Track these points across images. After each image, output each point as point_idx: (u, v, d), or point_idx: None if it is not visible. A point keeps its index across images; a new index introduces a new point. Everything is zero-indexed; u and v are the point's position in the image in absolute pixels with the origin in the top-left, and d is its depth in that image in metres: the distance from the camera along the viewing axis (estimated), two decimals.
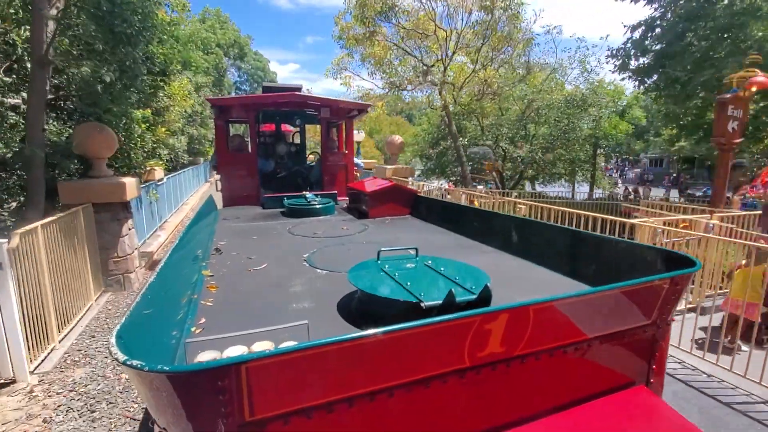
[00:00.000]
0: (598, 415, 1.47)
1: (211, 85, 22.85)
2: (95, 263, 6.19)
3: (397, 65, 13.14)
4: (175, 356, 1.40)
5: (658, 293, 1.53)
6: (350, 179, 6.17)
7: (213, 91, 22.54)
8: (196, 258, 2.65)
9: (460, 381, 1.26)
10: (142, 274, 7.23)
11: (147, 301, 1.42)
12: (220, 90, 25.80)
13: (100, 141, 6.23)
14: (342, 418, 1.12)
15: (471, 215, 3.53)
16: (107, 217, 6.40)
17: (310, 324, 1.41)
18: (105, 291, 6.50)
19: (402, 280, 1.75)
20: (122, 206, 6.53)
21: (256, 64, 68.01)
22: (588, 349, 1.49)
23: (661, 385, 1.71)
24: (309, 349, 0.99)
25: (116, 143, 6.52)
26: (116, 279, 6.59)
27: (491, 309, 1.21)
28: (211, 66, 24.91)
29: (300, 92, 5.76)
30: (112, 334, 1.07)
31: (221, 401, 0.95)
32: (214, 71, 25.01)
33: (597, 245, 2.27)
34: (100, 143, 6.24)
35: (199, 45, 23.82)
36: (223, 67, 27.95)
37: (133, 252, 6.86)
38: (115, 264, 6.54)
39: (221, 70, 26.55)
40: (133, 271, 6.76)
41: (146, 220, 9.30)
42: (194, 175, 20.42)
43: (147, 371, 0.91)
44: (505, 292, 1.88)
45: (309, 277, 2.33)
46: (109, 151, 6.45)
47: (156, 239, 9.60)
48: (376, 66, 12.47)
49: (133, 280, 6.75)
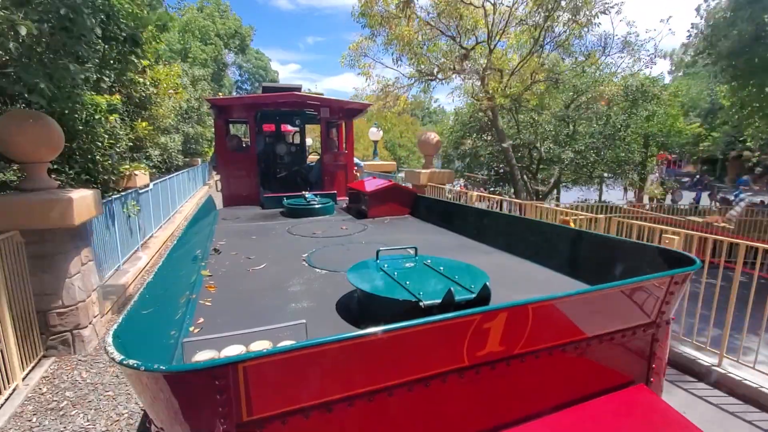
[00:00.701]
0: (598, 414, 1.46)
1: (209, 78, 20.76)
2: (26, 319, 4.14)
3: (429, 49, 11.05)
4: (173, 356, 1.39)
5: (658, 292, 1.52)
6: (350, 179, 6.07)
7: (212, 86, 20.36)
8: (195, 258, 2.60)
9: (459, 380, 1.25)
10: (104, 324, 5.16)
11: (145, 301, 1.41)
12: (219, 86, 23.58)
13: (35, 136, 4.16)
14: (340, 417, 1.10)
15: (470, 215, 3.52)
16: (47, 249, 4.34)
17: (309, 324, 1.43)
18: (45, 357, 4.44)
19: (401, 279, 1.73)
20: (70, 233, 4.46)
21: (257, 63, 67.11)
22: (587, 348, 1.48)
23: (661, 383, 1.69)
24: (307, 349, 0.98)
25: (62, 140, 4.45)
26: (61, 339, 4.52)
27: (490, 308, 1.20)
28: (210, 58, 22.74)
29: (300, 92, 5.71)
30: (108, 334, 1.05)
31: (218, 401, 0.95)
32: (213, 64, 22.79)
33: (597, 244, 2.26)
34: (35, 140, 4.17)
35: (196, 35, 21.65)
36: (222, 60, 25.63)
37: (89, 296, 4.79)
38: (59, 318, 4.47)
39: (220, 63, 24.10)
40: (87, 325, 4.68)
41: (121, 240, 7.24)
42: (190, 177, 18.26)
43: (143, 371, 0.90)
44: (504, 291, 1.89)
45: (308, 277, 2.30)
46: (50, 152, 4.38)
47: (134, 264, 7.53)
48: (403, 50, 10.36)
49: (88, 337, 4.67)
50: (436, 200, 4.47)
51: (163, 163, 15.64)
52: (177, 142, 15.65)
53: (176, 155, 15.57)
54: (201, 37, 22.80)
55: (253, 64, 65.02)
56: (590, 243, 2.29)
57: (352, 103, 6.14)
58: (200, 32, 22.63)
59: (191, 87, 17.73)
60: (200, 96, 17.56)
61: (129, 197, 7.86)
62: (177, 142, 15.65)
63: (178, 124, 16.57)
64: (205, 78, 18.96)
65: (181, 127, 16.80)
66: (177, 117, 16.68)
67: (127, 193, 7.78)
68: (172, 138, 15.12)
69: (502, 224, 3.04)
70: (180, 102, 16.07)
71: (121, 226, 7.34)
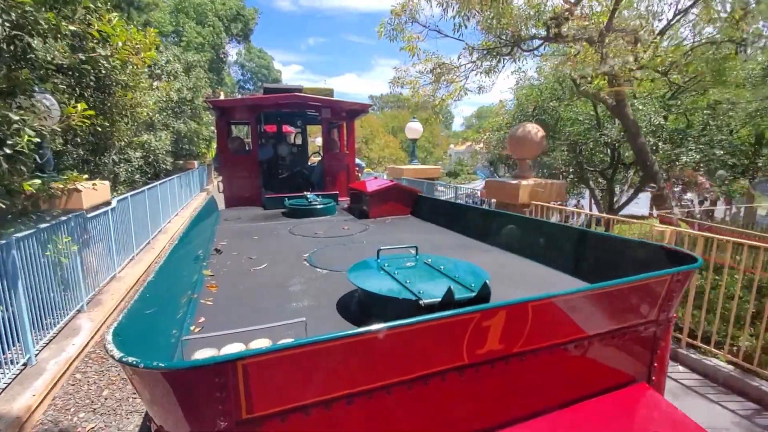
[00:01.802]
0: (599, 413, 1.45)
1: (207, 66, 17.45)
2: None
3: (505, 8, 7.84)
4: (173, 354, 1.37)
5: (660, 290, 1.51)
6: (351, 179, 6.03)
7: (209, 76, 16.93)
8: (197, 258, 2.58)
9: (459, 378, 1.24)
10: None
11: (146, 300, 1.39)
12: (219, 78, 19.97)
13: None
14: (340, 415, 1.10)
15: (471, 215, 3.49)
16: None
17: (310, 322, 1.44)
18: None
19: (401, 278, 1.73)
20: None
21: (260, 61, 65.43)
22: (588, 347, 1.46)
23: (663, 382, 1.69)
24: (306, 346, 0.98)
25: None
26: None
27: (489, 306, 1.19)
28: (207, 42, 19.30)
29: (301, 93, 5.66)
30: (108, 332, 1.04)
31: (218, 398, 0.94)
32: (212, 50, 19.25)
33: (598, 243, 2.24)
34: None
35: (191, 15, 18.34)
36: (222, 47, 21.80)
37: None
38: None
39: (220, 50, 20.28)
40: None
41: (45, 306, 4.10)
42: (183, 183, 14.76)
43: (143, 368, 0.90)
44: (505, 289, 1.90)
45: (309, 276, 2.30)
46: None
47: (59, 353, 4.36)
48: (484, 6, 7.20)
49: None
50: (437, 200, 4.48)
51: (150, 167, 12.48)
52: (165, 141, 12.48)
53: (164, 157, 12.40)
54: (197, 17, 19.26)
55: (255, 63, 63.11)
56: (591, 241, 2.28)
57: (353, 104, 6.07)
58: (195, 11, 19.04)
59: (184, 76, 14.57)
60: (195, 85, 14.41)
61: (62, 228, 4.73)
62: (165, 141, 12.48)
63: (167, 119, 13.39)
64: (202, 65, 15.70)
65: (171, 123, 13.63)
66: (166, 111, 13.44)
67: (56, 223, 4.64)
68: (157, 136, 11.98)
69: (503, 223, 2.99)
70: (168, 92, 12.90)
71: (41, 280, 4.20)
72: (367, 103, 6.22)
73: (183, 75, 14.08)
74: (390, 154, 42.35)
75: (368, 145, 41.21)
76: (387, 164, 40.04)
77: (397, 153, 43.34)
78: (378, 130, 45.26)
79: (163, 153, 12.33)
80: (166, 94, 12.43)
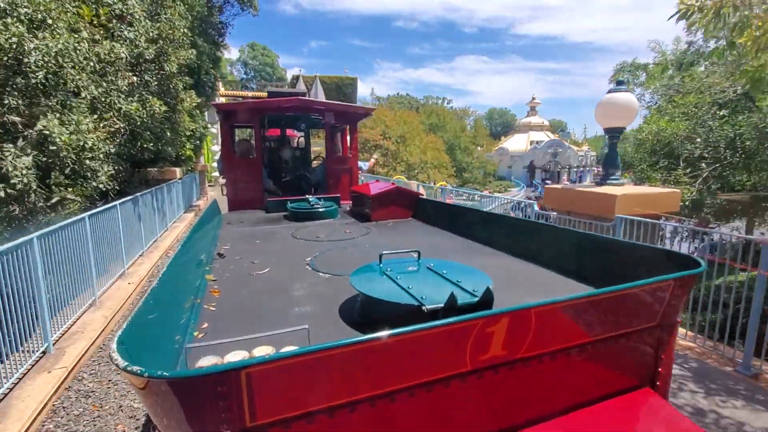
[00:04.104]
0: (603, 418, 1.44)
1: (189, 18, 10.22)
2: None
3: None
4: (177, 362, 1.38)
5: (664, 294, 1.50)
6: (354, 183, 6.08)
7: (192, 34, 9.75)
8: (200, 263, 2.57)
9: (462, 384, 1.23)
10: None
11: (149, 307, 1.39)
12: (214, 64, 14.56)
13: None
14: (343, 422, 1.10)
15: (473, 218, 3.48)
16: None
17: (312, 328, 1.44)
18: None
19: (404, 283, 1.72)
20: None
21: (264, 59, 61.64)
22: (592, 352, 1.45)
23: (667, 387, 1.67)
24: (309, 354, 0.98)
25: None
26: None
27: (492, 312, 1.19)
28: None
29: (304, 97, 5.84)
30: (113, 340, 1.04)
31: (221, 407, 0.94)
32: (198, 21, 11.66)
33: (602, 247, 2.23)
34: None
35: None
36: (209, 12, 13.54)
37: None
38: None
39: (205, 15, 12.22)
40: None
41: None
42: (157, 206, 9.70)
43: (147, 377, 0.90)
44: (508, 294, 1.89)
45: (311, 281, 2.30)
46: None
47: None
48: None
49: None
50: (439, 203, 4.61)
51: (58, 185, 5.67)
52: (96, 134, 5.85)
53: (100, 164, 5.90)
54: None
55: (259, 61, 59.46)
56: (595, 246, 2.26)
57: (356, 108, 6.31)
58: None
59: (147, 21, 8.13)
60: (163, 36, 8.25)
61: None
62: (96, 134, 5.85)
63: (107, 95, 6.64)
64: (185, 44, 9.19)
65: (114, 101, 6.77)
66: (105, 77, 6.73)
67: None
68: (72, 119, 5.38)
69: (506, 227, 2.99)
70: (111, 45, 6.86)
71: None
72: (370, 107, 7.04)
73: (145, 20, 8.03)
74: (433, 158, 33.01)
75: (406, 146, 30.99)
76: (429, 171, 30.89)
77: (442, 156, 34.63)
78: (418, 128, 34.90)
79: (98, 157, 5.81)
80: (108, 48, 6.73)
